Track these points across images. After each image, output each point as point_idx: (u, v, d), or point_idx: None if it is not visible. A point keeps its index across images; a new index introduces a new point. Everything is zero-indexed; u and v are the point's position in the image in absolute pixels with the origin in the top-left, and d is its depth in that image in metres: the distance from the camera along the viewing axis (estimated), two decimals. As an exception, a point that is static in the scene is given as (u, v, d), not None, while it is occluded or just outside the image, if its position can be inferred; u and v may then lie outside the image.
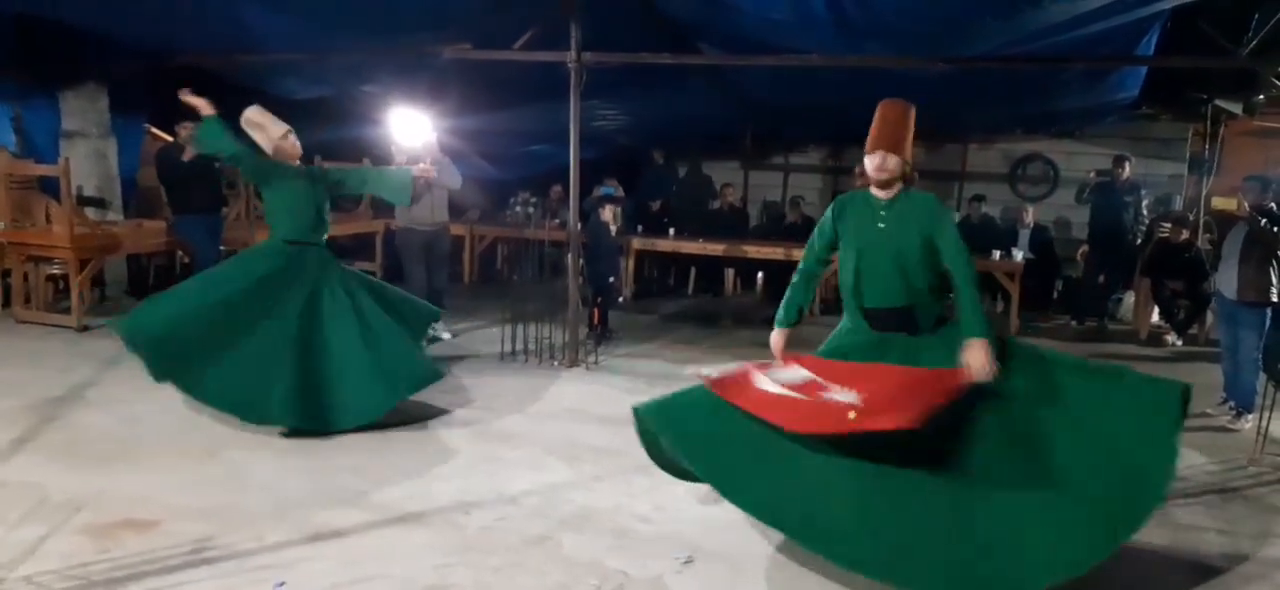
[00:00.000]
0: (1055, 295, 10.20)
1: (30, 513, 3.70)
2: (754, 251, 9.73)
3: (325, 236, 5.25)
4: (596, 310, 7.41)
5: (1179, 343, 8.38)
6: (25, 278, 7.51)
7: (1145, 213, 9.40)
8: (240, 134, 5.12)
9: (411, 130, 6.84)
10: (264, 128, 5.12)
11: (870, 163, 3.47)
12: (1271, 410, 5.15)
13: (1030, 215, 10.10)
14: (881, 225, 3.45)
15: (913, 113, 3.50)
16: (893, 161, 3.44)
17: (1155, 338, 8.58)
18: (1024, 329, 8.78)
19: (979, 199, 10.16)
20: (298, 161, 5.23)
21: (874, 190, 3.51)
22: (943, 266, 3.41)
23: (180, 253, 8.36)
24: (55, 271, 7.76)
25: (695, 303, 10.03)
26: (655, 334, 8.02)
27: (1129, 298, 9.40)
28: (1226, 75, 9.07)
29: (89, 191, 8.17)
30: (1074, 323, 9.31)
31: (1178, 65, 8.14)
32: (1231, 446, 5.38)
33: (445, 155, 7.09)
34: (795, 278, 3.72)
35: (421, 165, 5.74)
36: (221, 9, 6.30)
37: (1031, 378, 3.30)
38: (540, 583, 3.34)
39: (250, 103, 5.20)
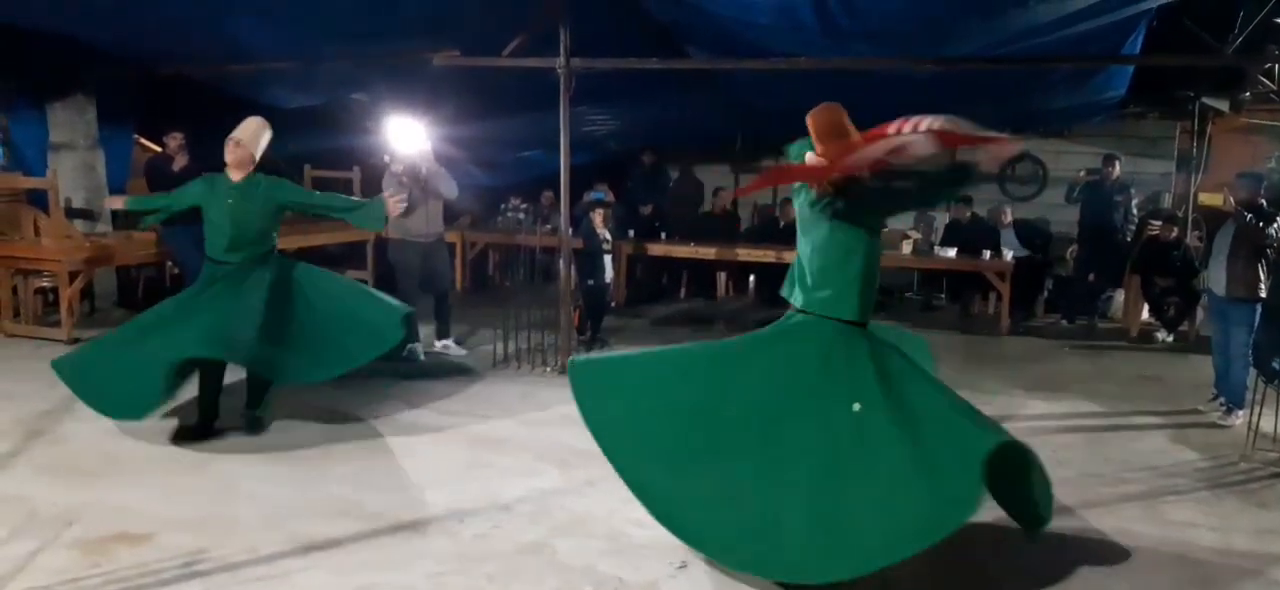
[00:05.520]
0: (1045, 294, 10.22)
1: (21, 527, 3.67)
2: (745, 255, 9.73)
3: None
4: (577, 313, 7.38)
5: (1169, 339, 8.42)
6: (14, 291, 7.47)
7: (1135, 211, 9.43)
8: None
9: (408, 139, 6.74)
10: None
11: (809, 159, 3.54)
12: (1262, 406, 5.17)
13: (1007, 215, 10.05)
14: (807, 213, 3.52)
15: (843, 114, 3.49)
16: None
17: (1145, 335, 8.62)
18: (1014, 328, 8.81)
19: (965, 200, 10.15)
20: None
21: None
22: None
23: (170, 264, 8.32)
24: (44, 284, 7.71)
25: (688, 307, 10.03)
26: (648, 338, 8.01)
27: (1119, 296, 9.43)
28: (1213, 73, 9.13)
29: (78, 203, 8.14)
30: (1064, 321, 9.33)
31: (1164, 64, 8.19)
32: (1223, 443, 5.39)
33: (440, 164, 6.99)
34: None
35: (392, 197, 5.59)
36: (209, 19, 6.28)
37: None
38: (535, 590, 3.33)
39: (238, 112, 5.17)
